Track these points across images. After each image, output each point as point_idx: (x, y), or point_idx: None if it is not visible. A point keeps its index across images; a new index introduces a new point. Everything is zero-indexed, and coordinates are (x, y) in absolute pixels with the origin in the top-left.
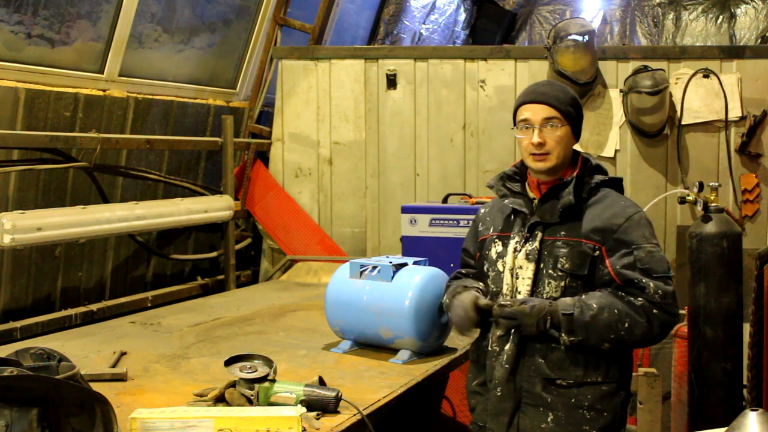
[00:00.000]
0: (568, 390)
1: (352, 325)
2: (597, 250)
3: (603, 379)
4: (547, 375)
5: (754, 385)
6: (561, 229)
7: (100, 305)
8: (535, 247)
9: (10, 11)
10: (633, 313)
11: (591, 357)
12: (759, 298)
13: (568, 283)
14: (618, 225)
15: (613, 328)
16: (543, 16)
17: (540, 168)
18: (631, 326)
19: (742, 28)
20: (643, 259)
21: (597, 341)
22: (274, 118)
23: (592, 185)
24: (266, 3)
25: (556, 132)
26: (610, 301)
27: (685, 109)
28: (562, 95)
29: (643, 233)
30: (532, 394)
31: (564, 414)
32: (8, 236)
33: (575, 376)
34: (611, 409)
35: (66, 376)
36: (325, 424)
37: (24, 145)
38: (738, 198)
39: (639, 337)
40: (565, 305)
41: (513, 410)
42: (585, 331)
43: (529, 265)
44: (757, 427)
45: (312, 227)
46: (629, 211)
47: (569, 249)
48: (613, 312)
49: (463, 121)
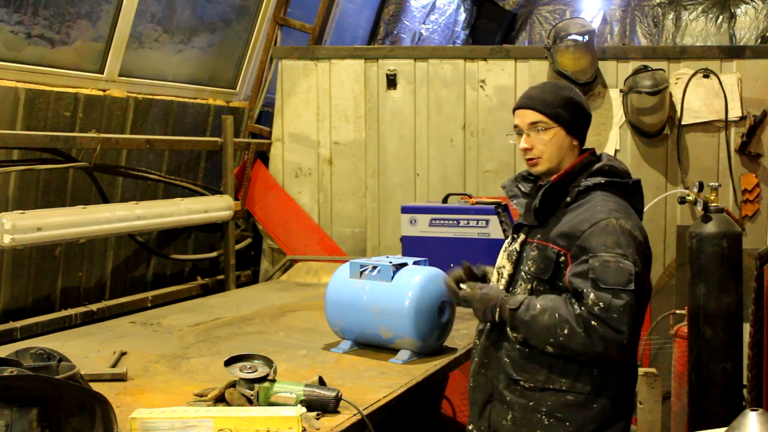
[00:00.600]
0: (530, 392)
1: (352, 325)
2: (562, 255)
3: (567, 388)
4: (510, 374)
5: (754, 385)
6: (539, 232)
7: (100, 305)
8: (515, 249)
9: (10, 11)
10: (572, 321)
11: (556, 363)
12: (759, 298)
13: (534, 287)
14: (582, 231)
15: (551, 332)
16: (543, 16)
17: (533, 172)
18: (570, 334)
19: (742, 28)
20: (595, 269)
21: (538, 342)
22: (274, 118)
23: (581, 188)
24: (266, 3)
25: (542, 136)
26: (555, 305)
27: (685, 109)
28: (550, 97)
29: (605, 241)
30: (498, 390)
31: (520, 415)
32: (8, 236)
33: (536, 380)
34: (576, 422)
35: (66, 376)
36: (325, 424)
37: (24, 145)
38: (738, 198)
39: (580, 347)
40: (514, 301)
41: (484, 402)
42: (526, 329)
43: (509, 265)
44: (757, 427)
45: (312, 227)
46: (598, 216)
47: (537, 252)
48: (554, 316)
49: (463, 121)
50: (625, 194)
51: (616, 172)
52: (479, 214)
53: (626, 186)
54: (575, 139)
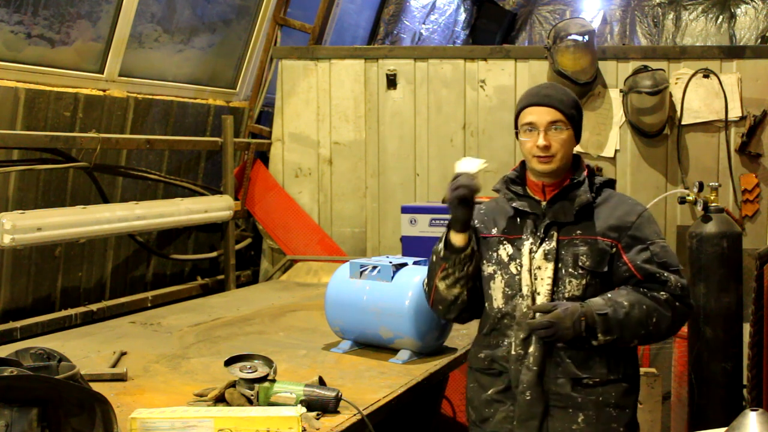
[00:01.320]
0: (594, 389)
1: (352, 325)
2: (614, 247)
3: (623, 376)
4: (575, 374)
5: (754, 385)
6: (576, 229)
7: (100, 305)
8: (553, 247)
9: (10, 11)
10: (660, 307)
11: (612, 355)
12: (759, 298)
13: (588, 281)
14: (632, 222)
15: (643, 324)
16: (543, 16)
17: (544, 170)
18: (659, 321)
19: (742, 28)
20: (659, 254)
21: (629, 338)
22: (274, 118)
23: (597, 185)
24: (266, 3)
25: (560, 135)
26: (638, 298)
27: (685, 109)
28: (565, 98)
29: (654, 229)
30: (560, 396)
31: (594, 413)
32: (8, 236)
33: (600, 374)
34: (631, 406)
35: (66, 376)
36: (325, 424)
37: (24, 145)
38: (738, 198)
39: (664, 331)
40: (598, 305)
41: (542, 414)
42: (620, 329)
43: (548, 264)
44: (757, 427)
45: (312, 227)
46: (639, 208)
47: (588, 247)
48: (642, 308)
49: (463, 121)
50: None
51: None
52: None
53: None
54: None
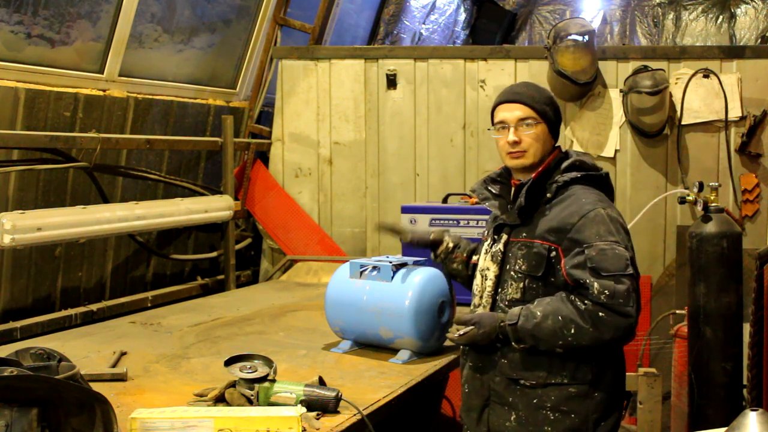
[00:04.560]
0: (532, 390)
1: (352, 325)
2: (553, 250)
3: (569, 380)
4: (510, 375)
5: (754, 385)
6: (523, 231)
7: (100, 305)
8: (499, 249)
9: (10, 11)
10: (578, 319)
11: (555, 358)
12: (759, 298)
13: (527, 285)
14: (572, 224)
15: (558, 335)
16: (543, 16)
17: (516, 165)
18: (578, 332)
19: (742, 28)
20: (593, 258)
21: (548, 347)
22: (274, 118)
23: (560, 184)
24: (266, 3)
25: (531, 130)
26: (556, 308)
27: (685, 109)
28: (537, 95)
29: (597, 231)
30: (496, 393)
31: (525, 414)
32: (8, 236)
33: (538, 377)
34: (581, 413)
35: (66, 376)
36: (325, 424)
37: (24, 145)
38: (738, 198)
39: (589, 342)
40: (511, 316)
41: (481, 406)
42: (532, 339)
43: (493, 266)
44: (757, 427)
45: (312, 227)
46: (586, 208)
47: (526, 250)
48: (557, 319)
49: (463, 121)
50: (599, 186)
51: (588, 166)
52: (479, 214)
53: (600, 178)
54: (553, 138)
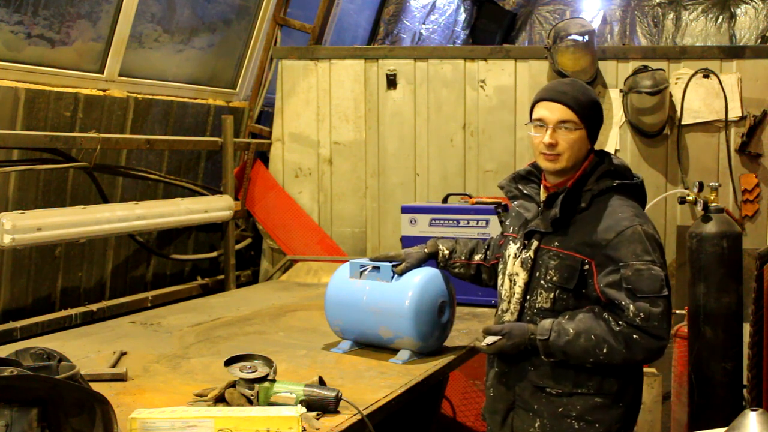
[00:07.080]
0: (558, 399)
1: (352, 325)
2: (587, 264)
3: (596, 391)
4: (536, 383)
5: (754, 385)
6: (555, 239)
7: (100, 305)
8: (529, 256)
9: (10, 11)
10: (611, 339)
11: (582, 371)
12: (759, 298)
13: (557, 295)
14: (608, 240)
15: (590, 353)
16: (543, 16)
17: (549, 168)
18: (610, 352)
19: (742, 28)
20: (629, 278)
21: (578, 362)
22: (274, 118)
23: (596, 193)
24: (266, 3)
25: (569, 135)
26: (589, 326)
27: (685, 109)
28: (582, 97)
29: (634, 250)
30: (522, 399)
31: (550, 422)
32: (8, 236)
33: (564, 386)
34: (605, 422)
35: (66, 376)
36: (325, 424)
37: (24, 145)
38: (738, 198)
39: (620, 362)
40: (542, 330)
41: (506, 410)
42: (564, 355)
43: (523, 273)
44: (757, 427)
45: (312, 227)
46: (623, 224)
47: (559, 261)
48: (590, 338)
49: (463, 121)
50: (635, 195)
51: (623, 172)
52: (479, 214)
53: (636, 187)
54: (591, 143)
